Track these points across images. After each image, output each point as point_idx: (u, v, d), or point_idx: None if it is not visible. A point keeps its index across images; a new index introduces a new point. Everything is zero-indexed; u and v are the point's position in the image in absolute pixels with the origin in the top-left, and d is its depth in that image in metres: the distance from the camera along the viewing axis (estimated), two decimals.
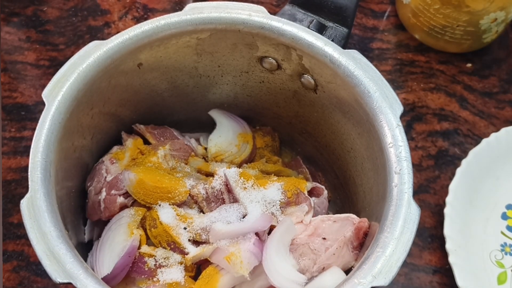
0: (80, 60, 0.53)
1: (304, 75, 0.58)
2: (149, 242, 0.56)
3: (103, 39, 0.54)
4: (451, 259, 0.65)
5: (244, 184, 0.56)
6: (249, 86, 0.65)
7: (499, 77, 0.82)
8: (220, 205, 0.56)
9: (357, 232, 0.53)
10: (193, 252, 0.54)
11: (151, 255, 0.54)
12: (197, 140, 0.67)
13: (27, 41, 0.82)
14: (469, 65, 0.83)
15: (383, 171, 0.51)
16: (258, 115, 0.69)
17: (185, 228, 0.55)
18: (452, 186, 0.69)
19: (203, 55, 0.60)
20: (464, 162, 0.70)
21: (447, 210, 0.68)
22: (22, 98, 0.78)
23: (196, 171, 0.62)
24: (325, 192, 0.60)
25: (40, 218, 0.46)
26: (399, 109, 0.51)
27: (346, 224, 0.54)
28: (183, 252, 0.54)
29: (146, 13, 0.85)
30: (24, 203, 0.47)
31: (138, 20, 0.85)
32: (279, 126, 0.69)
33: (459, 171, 0.70)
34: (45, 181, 0.48)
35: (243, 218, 0.54)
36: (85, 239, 0.60)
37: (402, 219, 0.47)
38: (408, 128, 0.78)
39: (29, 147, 0.49)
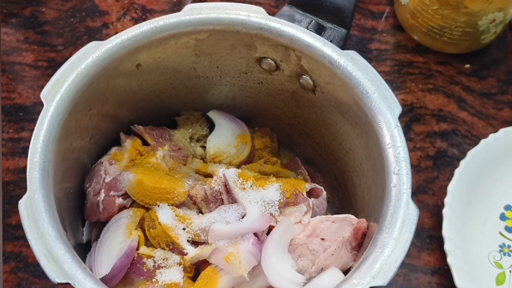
0: (79, 60, 0.53)
1: (303, 76, 0.58)
2: (147, 243, 0.56)
3: (101, 40, 0.54)
4: (450, 260, 0.65)
5: (243, 184, 0.56)
6: (247, 87, 0.65)
7: (498, 78, 0.83)
8: (219, 205, 0.56)
9: (356, 232, 0.53)
10: (192, 252, 0.54)
11: (149, 256, 0.54)
12: None
13: (25, 42, 0.82)
14: (467, 66, 0.83)
15: (381, 172, 0.51)
16: (256, 116, 0.69)
17: (184, 229, 0.55)
18: (451, 187, 0.69)
19: (201, 56, 0.60)
20: (462, 163, 0.70)
21: (445, 211, 0.68)
22: (20, 99, 0.78)
23: (195, 172, 0.62)
24: (324, 193, 0.60)
25: (38, 218, 0.46)
26: (398, 109, 0.52)
27: (345, 224, 0.54)
28: (182, 253, 0.54)
29: (145, 14, 0.85)
30: (22, 204, 0.47)
31: (136, 21, 0.85)
32: (278, 127, 0.69)
33: (457, 172, 0.70)
34: (43, 182, 0.48)
35: (242, 218, 0.54)
36: (83, 240, 0.60)
37: (401, 219, 0.47)
38: (407, 129, 0.78)
39: (27, 148, 0.49)
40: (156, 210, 0.55)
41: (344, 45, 0.59)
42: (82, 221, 0.61)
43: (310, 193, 0.59)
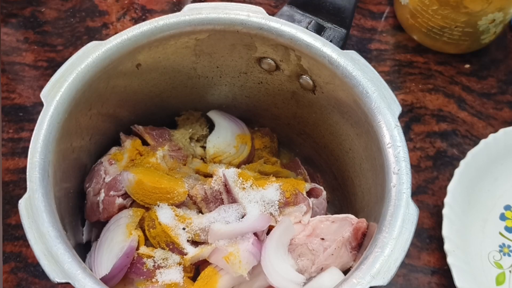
0: (79, 60, 0.53)
1: (303, 76, 0.58)
2: (147, 243, 0.56)
3: (101, 40, 0.54)
4: (450, 260, 0.65)
5: (243, 184, 0.56)
6: (247, 87, 0.65)
7: (497, 78, 0.83)
8: (219, 205, 0.56)
9: (356, 232, 0.53)
10: (192, 252, 0.54)
11: (149, 256, 0.54)
12: None
13: (25, 42, 0.82)
14: (467, 66, 0.83)
15: (381, 172, 0.51)
16: (256, 116, 0.69)
17: (184, 229, 0.55)
18: (451, 187, 0.69)
19: (201, 56, 0.60)
20: (462, 163, 0.70)
21: (445, 211, 0.68)
22: (20, 99, 0.78)
23: (195, 172, 0.62)
24: (324, 193, 0.60)
25: (38, 218, 0.46)
26: (398, 109, 0.52)
27: (345, 224, 0.54)
28: (182, 253, 0.54)
29: (144, 14, 0.86)
30: (22, 203, 0.46)
31: (136, 21, 0.85)
32: (278, 127, 0.69)
33: (457, 172, 0.70)
34: (43, 181, 0.48)
35: (241, 218, 0.54)
36: (83, 240, 0.60)
37: (401, 219, 0.47)
38: (407, 129, 0.78)
39: (27, 148, 0.49)
40: (156, 210, 0.55)
41: (344, 45, 0.59)
42: (82, 221, 0.61)
43: (310, 193, 0.59)
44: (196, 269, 0.56)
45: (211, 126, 0.67)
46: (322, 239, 0.54)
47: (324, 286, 0.52)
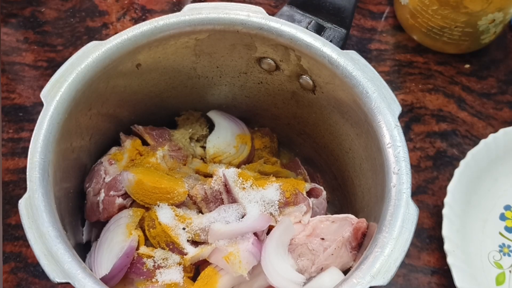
0: (79, 60, 0.53)
1: (303, 76, 0.58)
2: (147, 243, 0.56)
3: (101, 40, 0.54)
4: (450, 260, 0.65)
5: (243, 184, 0.56)
6: (247, 87, 0.65)
7: (497, 78, 0.83)
8: (219, 205, 0.56)
9: (356, 232, 0.53)
10: (192, 252, 0.54)
11: (149, 256, 0.54)
12: None
13: (25, 42, 0.82)
14: (467, 66, 0.83)
15: (381, 172, 0.51)
16: (256, 116, 0.69)
17: (184, 229, 0.55)
18: (450, 187, 0.69)
19: (201, 56, 0.60)
20: (462, 163, 0.70)
21: (445, 211, 0.68)
22: (20, 99, 0.78)
23: (195, 172, 0.62)
24: (324, 193, 0.60)
25: (38, 218, 0.46)
26: (398, 109, 0.52)
27: (345, 224, 0.54)
28: (182, 253, 0.54)
29: (144, 14, 0.86)
30: (22, 203, 0.46)
31: (136, 21, 0.85)
32: (278, 127, 0.69)
33: (457, 172, 0.70)
34: (43, 181, 0.48)
35: (241, 218, 0.54)
36: (83, 240, 0.60)
37: (401, 219, 0.47)
38: (407, 129, 0.78)
39: (27, 148, 0.49)
40: (156, 210, 0.55)
41: (344, 45, 0.59)
42: (82, 221, 0.61)
43: (310, 193, 0.59)
44: (196, 269, 0.56)
45: (211, 126, 0.67)
46: (322, 239, 0.54)
47: (324, 286, 0.52)
